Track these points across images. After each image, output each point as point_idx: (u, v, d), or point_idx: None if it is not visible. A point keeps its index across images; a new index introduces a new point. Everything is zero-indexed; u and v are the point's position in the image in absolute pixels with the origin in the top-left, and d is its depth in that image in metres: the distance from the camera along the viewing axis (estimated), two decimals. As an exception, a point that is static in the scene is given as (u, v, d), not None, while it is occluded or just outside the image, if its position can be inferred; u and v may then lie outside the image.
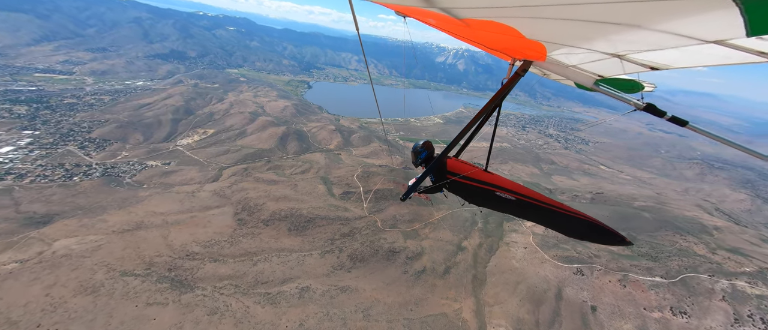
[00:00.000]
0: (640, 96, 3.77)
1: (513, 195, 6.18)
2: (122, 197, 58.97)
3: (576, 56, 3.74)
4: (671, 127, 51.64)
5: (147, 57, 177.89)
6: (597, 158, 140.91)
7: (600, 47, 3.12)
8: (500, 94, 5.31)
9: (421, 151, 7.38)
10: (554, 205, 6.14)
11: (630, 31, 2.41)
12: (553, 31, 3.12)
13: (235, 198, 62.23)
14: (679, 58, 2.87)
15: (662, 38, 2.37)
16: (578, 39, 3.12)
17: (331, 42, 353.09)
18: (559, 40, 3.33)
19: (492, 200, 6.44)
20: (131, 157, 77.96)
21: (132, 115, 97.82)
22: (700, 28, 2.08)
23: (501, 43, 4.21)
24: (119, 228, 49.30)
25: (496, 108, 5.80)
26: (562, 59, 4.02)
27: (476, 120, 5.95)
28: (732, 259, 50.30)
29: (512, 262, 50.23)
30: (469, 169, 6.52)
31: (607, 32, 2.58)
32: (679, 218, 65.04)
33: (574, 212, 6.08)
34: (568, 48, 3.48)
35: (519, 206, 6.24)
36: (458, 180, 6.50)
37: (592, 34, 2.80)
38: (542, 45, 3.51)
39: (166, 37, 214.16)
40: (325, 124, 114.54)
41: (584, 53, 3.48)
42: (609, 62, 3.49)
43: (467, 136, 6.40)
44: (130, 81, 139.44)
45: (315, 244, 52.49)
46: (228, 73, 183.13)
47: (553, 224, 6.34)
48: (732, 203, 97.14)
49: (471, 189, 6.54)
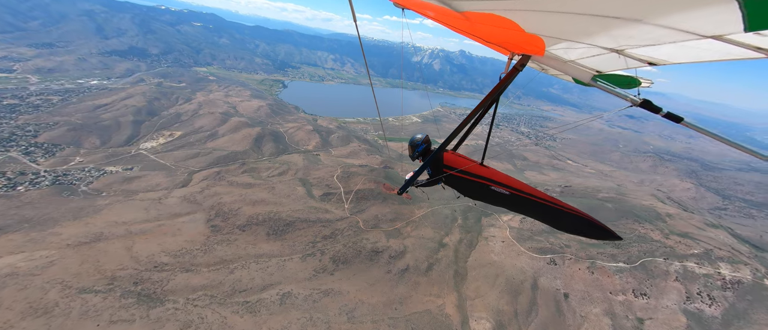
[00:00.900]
0: (636, 92, 3.80)
1: (508, 190, 6.28)
2: (77, 207, 53.72)
3: (575, 51, 3.76)
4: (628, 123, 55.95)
5: (101, 54, 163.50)
6: (564, 154, 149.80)
7: (599, 42, 3.11)
8: (498, 88, 5.29)
9: (419, 144, 7.28)
10: (548, 200, 6.27)
11: (630, 26, 2.41)
12: (552, 25, 3.07)
13: (207, 203, 58.92)
14: (677, 53, 2.91)
15: (661, 33, 2.38)
16: (578, 33, 3.10)
17: (306, 40, 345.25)
18: (559, 35, 3.29)
19: (487, 194, 6.51)
20: (86, 163, 71.26)
21: (86, 117, 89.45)
22: (699, 22, 2.08)
23: (500, 36, 4.17)
24: (74, 241, 44.85)
25: (493, 103, 5.79)
26: (561, 54, 4.03)
27: (474, 114, 5.93)
28: (682, 243, 55.54)
29: (491, 256, 51.99)
30: (466, 164, 6.53)
31: (607, 26, 2.58)
32: (637, 207, 70.74)
33: (567, 207, 6.24)
34: (567, 43, 3.47)
35: (514, 201, 6.33)
36: (455, 174, 6.49)
37: (591, 28, 2.80)
38: (541, 39, 3.48)
39: (124, 32, 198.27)
40: (303, 124, 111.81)
41: (583, 48, 3.49)
42: (607, 57, 3.52)
43: (465, 130, 6.35)
44: (82, 80, 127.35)
45: (295, 248, 51.05)
46: (195, 72, 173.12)
47: (547, 219, 6.43)
48: (680, 192, 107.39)
49: (467, 183, 6.57)
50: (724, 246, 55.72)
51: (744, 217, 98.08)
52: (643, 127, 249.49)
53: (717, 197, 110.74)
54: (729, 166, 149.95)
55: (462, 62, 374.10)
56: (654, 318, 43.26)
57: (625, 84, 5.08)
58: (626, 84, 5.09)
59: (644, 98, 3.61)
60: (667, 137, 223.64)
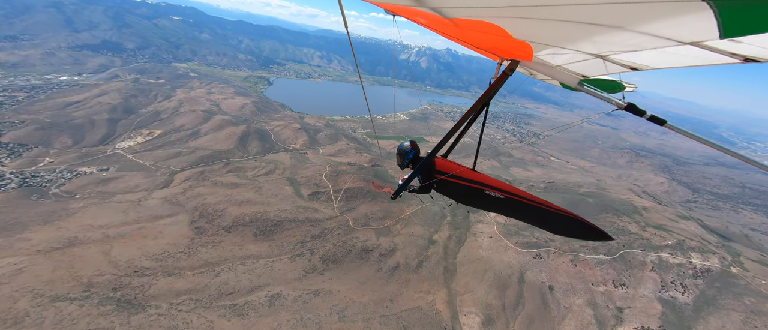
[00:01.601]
0: (621, 96, 3.93)
1: (502, 194, 6.26)
2: (48, 211, 50.65)
3: (561, 57, 3.86)
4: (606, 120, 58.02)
5: (71, 48, 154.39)
6: (547, 151, 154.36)
7: (584, 48, 3.23)
8: (488, 93, 5.32)
9: (408, 152, 7.20)
10: (542, 203, 6.30)
11: (612, 33, 2.51)
12: (539, 32, 3.17)
13: (190, 205, 56.95)
14: (658, 59, 3.04)
15: (642, 40, 2.49)
16: (563, 40, 3.20)
17: (291, 36, 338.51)
18: (545, 41, 3.40)
19: (481, 199, 6.49)
20: (57, 164, 67.23)
21: (56, 114, 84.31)
22: (678, 30, 2.20)
23: (489, 42, 4.26)
24: (46, 246, 42.28)
25: (484, 107, 5.79)
26: (548, 59, 4.13)
27: (464, 120, 5.90)
28: (657, 234, 58.48)
29: (479, 252, 52.99)
30: (457, 169, 6.50)
31: (591, 33, 2.67)
32: (616, 201, 73.86)
33: (560, 210, 6.29)
34: (553, 48, 3.56)
35: (508, 205, 6.34)
36: (447, 179, 6.45)
37: (576, 35, 2.89)
38: (529, 45, 3.57)
39: (96, 25, 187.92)
40: (289, 122, 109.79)
41: (569, 54, 3.60)
42: (592, 63, 3.65)
43: (456, 135, 6.31)
44: (51, 75, 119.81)
45: (284, 249, 50.21)
46: (175, 68, 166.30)
47: (541, 222, 6.47)
48: (655, 186, 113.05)
49: (460, 188, 6.54)
50: (694, 237, 59.08)
51: (712, 209, 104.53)
52: (620, 124, 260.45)
53: (687, 190, 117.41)
54: (698, 161, 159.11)
55: (449, 60, 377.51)
56: (632, 307, 45.41)
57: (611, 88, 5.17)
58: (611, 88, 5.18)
59: (629, 102, 3.73)
60: (642, 134, 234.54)
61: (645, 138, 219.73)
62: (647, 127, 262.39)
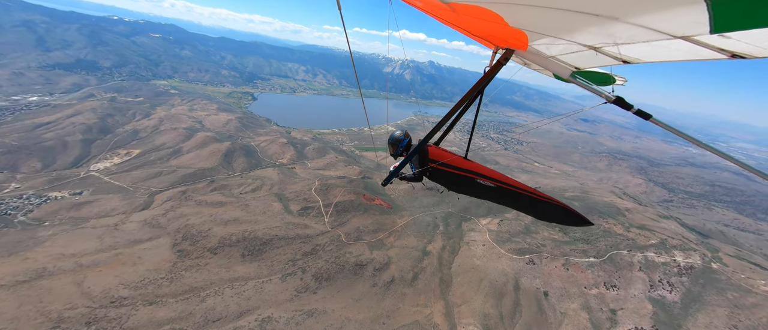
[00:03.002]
0: (610, 89, 3.97)
1: (493, 182, 6.42)
2: (13, 240, 46.72)
3: (555, 47, 3.90)
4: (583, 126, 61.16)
5: (42, 67, 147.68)
6: (531, 157, 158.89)
7: (578, 39, 3.26)
8: (482, 81, 5.30)
9: (401, 140, 7.22)
10: (530, 191, 6.54)
11: (607, 24, 2.54)
12: (535, 20, 3.20)
13: (172, 226, 54.16)
14: (649, 52, 3.09)
15: (636, 32, 2.55)
16: (559, 29, 3.24)
17: (275, 52, 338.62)
18: (541, 30, 3.42)
19: (472, 187, 6.60)
20: (25, 190, 62.73)
21: (24, 137, 79.40)
22: (671, 23, 2.26)
23: (485, 29, 4.26)
24: (10, 280, 38.70)
25: (477, 95, 5.82)
26: (543, 50, 4.17)
27: (457, 108, 5.91)
28: (642, 234, 60.42)
29: (474, 260, 52.81)
30: (450, 157, 6.56)
31: (586, 23, 2.70)
32: (600, 204, 76.21)
33: (547, 198, 6.55)
34: (548, 38, 3.60)
35: (498, 193, 6.51)
36: (439, 167, 6.49)
37: (571, 25, 2.92)
38: (524, 34, 3.59)
39: (70, 44, 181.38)
40: (276, 137, 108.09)
41: (563, 44, 3.63)
42: (585, 54, 3.72)
43: (448, 123, 6.31)
44: (18, 96, 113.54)
45: (274, 268, 48.23)
46: (154, 85, 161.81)
47: (529, 209, 6.69)
48: (634, 187, 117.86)
49: (452, 176, 6.60)
50: (675, 235, 61.42)
51: (687, 208, 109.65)
52: (597, 129, 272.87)
53: (664, 190, 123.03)
54: (670, 162, 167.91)
55: (432, 72, 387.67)
56: (625, 308, 46.11)
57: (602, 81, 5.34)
58: (602, 80, 5.36)
59: (617, 96, 3.81)
60: (617, 138, 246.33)
61: (620, 142, 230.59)
62: (621, 132, 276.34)
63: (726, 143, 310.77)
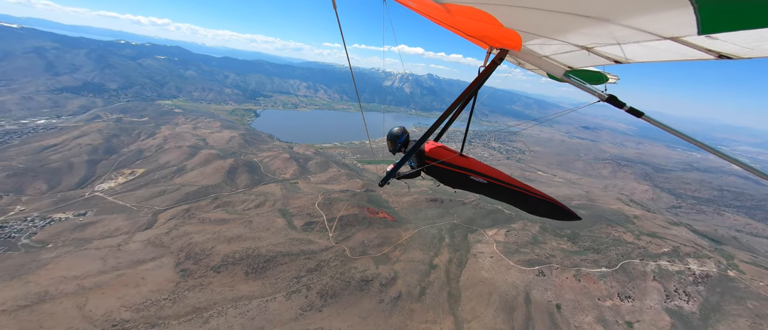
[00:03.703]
0: (603, 88, 4.04)
1: (486, 178, 6.71)
2: (16, 264, 46.35)
3: (549, 47, 3.97)
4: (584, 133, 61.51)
5: (51, 91, 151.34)
6: (534, 165, 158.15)
7: (571, 39, 3.32)
8: (477, 81, 5.41)
9: (399, 136, 7.41)
10: (522, 187, 6.84)
11: (599, 25, 2.61)
12: (528, 21, 3.25)
13: (175, 245, 53.67)
14: (639, 52, 3.16)
15: (626, 33, 2.61)
16: (552, 30, 3.29)
17: (276, 69, 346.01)
18: (534, 30, 3.48)
19: (467, 183, 6.86)
20: (29, 212, 62.83)
21: (31, 160, 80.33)
22: (660, 24, 2.31)
23: (479, 30, 4.34)
24: (11, 305, 38.10)
25: (472, 96, 5.98)
26: (536, 49, 4.25)
27: (453, 107, 6.04)
28: (653, 242, 59.03)
29: (482, 273, 51.56)
30: (447, 154, 6.82)
31: (579, 25, 2.77)
32: (607, 212, 75.01)
33: (538, 194, 6.84)
34: (542, 39, 3.66)
35: (491, 189, 6.79)
36: (436, 164, 6.75)
37: (564, 26, 2.98)
38: (518, 34, 3.65)
39: (78, 68, 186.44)
40: (278, 152, 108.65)
41: (556, 45, 3.69)
42: (578, 54, 3.79)
43: (445, 122, 6.48)
44: (27, 120, 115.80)
45: (278, 286, 47.28)
46: (159, 105, 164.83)
47: (521, 204, 6.92)
48: (640, 194, 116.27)
49: (448, 173, 6.85)
50: (687, 242, 59.96)
51: (697, 213, 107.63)
52: (598, 136, 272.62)
53: (671, 197, 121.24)
54: (675, 167, 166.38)
55: (431, 85, 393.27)
56: (641, 320, 44.44)
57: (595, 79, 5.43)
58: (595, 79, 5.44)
59: (610, 94, 3.87)
60: (619, 144, 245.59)
61: (623, 148, 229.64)
62: (623, 138, 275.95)
63: (728, 146, 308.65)
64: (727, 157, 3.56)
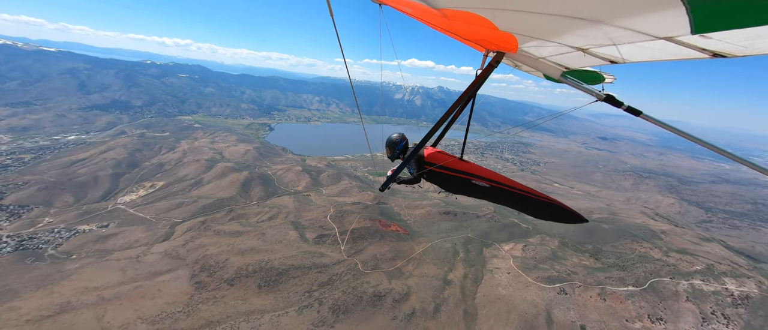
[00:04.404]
0: (600, 87, 4.07)
1: (488, 182, 6.58)
2: (42, 274, 48.11)
3: (545, 49, 3.98)
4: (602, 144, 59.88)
5: (82, 109, 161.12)
6: (550, 177, 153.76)
7: (566, 41, 3.35)
8: (474, 84, 5.41)
9: (398, 142, 7.48)
10: (525, 190, 6.68)
11: (593, 27, 2.63)
12: (523, 24, 3.27)
13: (191, 257, 54.49)
14: (635, 52, 3.16)
15: (620, 34, 2.64)
16: (547, 33, 3.30)
17: (290, 85, 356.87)
18: (530, 33, 3.49)
19: (468, 188, 6.74)
20: (56, 224, 65.69)
21: (60, 173, 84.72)
22: (653, 25, 2.31)
23: (475, 33, 4.37)
24: (36, 315, 39.27)
25: (470, 99, 5.96)
26: (533, 51, 4.27)
27: (451, 111, 6.03)
28: (683, 260, 55.38)
29: (499, 290, 49.50)
30: (446, 159, 6.78)
31: (573, 27, 2.78)
32: (631, 226, 71.36)
33: (542, 196, 6.67)
34: (537, 41, 3.68)
35: (493, 193, 6.63)
36: (435, 170, 6.69)
37: (559, 29, 3.00)
38: (514, 37, 3.66)
39: (107, 87, 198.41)
40: (291, 165, 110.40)
41: (552, 46, 3.72)
42: (574, 55, 3.81)
43: (443, 127, 6.50)
44: (59, 136, 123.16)
45: (290, 300, 46.86)
46: (180, 121, 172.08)
47: (525, 208, 6.76)
48: (666, 208, 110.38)
49: (448, 178, 6.78)
50: (722, 260, 55.92)
51: (730, 229, 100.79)
52: (617, 147, 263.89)
53: (700, 210, 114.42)
54: (702, 179, 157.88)
55: (441, 97, 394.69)
56: (676, 344, 41.16)
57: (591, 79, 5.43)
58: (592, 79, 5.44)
59: (607, 93, 3.87)
60: (640, 155, 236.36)
61: (644, 159, 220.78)
62: (644, 149, 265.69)
63: (761, 158, 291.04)
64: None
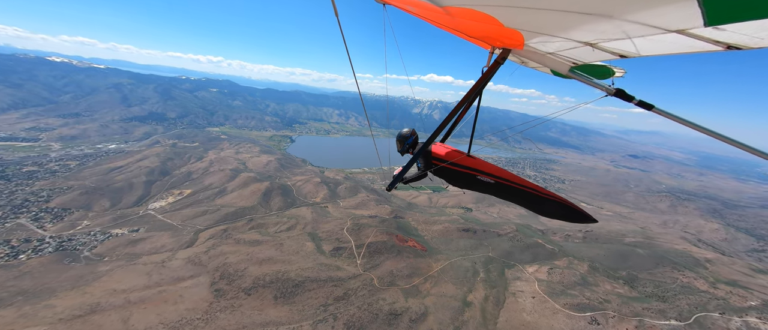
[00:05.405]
0: (610, 82, 3.95)
1: (493, 178, 6.57)
2: (77, 275, 50.99)
3: (552, 44, 3.88)
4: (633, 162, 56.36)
5: (123, 120, 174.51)
6: (576, 196, 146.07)
7: (574, 36, 3.25)
8: (481, 82, 5.42)
9: (408, 137, 7.53)
10: (531, 187, 6.54)
11: (601, 21, 2.53)
12: (529, 20, 3.21)
13: (212, 265, 55.83)
14: (645, 46, 3.03)
15: (630, 28, 2.54)
16: (554, 28, 3.21)
17: (312, 98, 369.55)
18: (536, 29, 3.43)
19: (474, 183, 6.79)
20: (93, 227, 70.06)
21: (100, 179, 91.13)
22: (664, 18, 2.22)
23: (480, 31, 4.33)
24: (68, 314, 41.34)
25: (477, 96, 6.00)
26: (539, 47, 4.19)
27: (458, 108, 6.08)
28: (734, 293, 49.82)
29: (523, 316, 46.51)
30: (454, 155, 6.85)
31: (580, 22, 2.69)
32: (670, 252, 65.60)
33: (549, 194, 6.54)
34: (544, 37, 3.60)
35: (499, 189, 6.63)
36: (443, 165, 6.77)
37: (566, 23, 2.91)
38: (520, 33, 3.60)
39: (146, 100, 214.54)
40: (310, 176, 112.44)
41: (559, 41, 3.61)
42: (582, 50, 3.66)
43: (450, 123, 6.56)
44: (101, 144, 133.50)
45: (305, 313, 46.43)
46: (209, 132, 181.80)
47: (531, 205, 6.66)
48: (709, 233, 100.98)
49: (455, 173, 6.85)
50: (782, 294, 49.78)
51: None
52: (650, 165, 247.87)
53: (750, 238, 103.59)
54: (751, 203, 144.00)
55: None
56: (730, 390, 36.37)
57: (600, 74, 5.34)
58: (601, 74, 5.35)
59: (618, 88, 3.76)
60: (677, 175, 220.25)
61: (682, 180, 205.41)
62: (681, 169, 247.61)
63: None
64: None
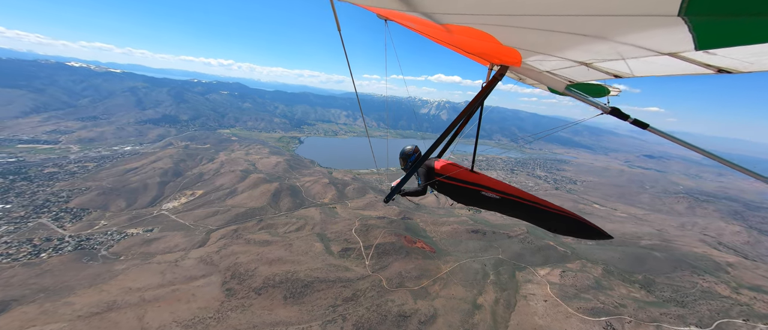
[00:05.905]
0: (606, 100, 4.02)
1: (498, 194, 6.42)
2: (94, 273, 52.58)
3: (549, 63, 3.98)
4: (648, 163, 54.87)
5: (138, 123, 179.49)
6: (588, 197, 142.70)
7: (569, 56, 3.37)
8: (479, 97, 5.48)
9: (411, 154, 7.51)
10: (538, 202, 6.35)
11: (596, 42, 2.61)
12: (526, 40, 3.29)
13: (223, 264, 56.75)
14: (639, 67, 3.14)
15: (624, 49, 2.62)
16: (550, 48, 3.30)
17: (320, 100, 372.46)
18: (533, 48, 3.52)
19: (479, 199, 6.63)
20: (110, 227, 72.17)
21: (116, 180, 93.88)
22: (656, 41, 2.29)
23: (479, 48, 4.42)
24: (86, 312, 42.63)
25: (476, 110, 5.98)
26: (536, 65, 4.28)
27: (456, 123, 6.05)
28: (758, 299, 47.73)
29: (535, 320, 45.60)
30: (456, 170, 6.76)
31: (576, 43, 2.77)
32: (689, 256, 63.34)
33: (556, 209, 6.36)
34: (541, 56, 3.69)
35: (504, 204, 6.46)
36: (445, 181, 6.66)
37: (562, 44, 3.00)
38: (517, 51, 3.68)
39: (160, 103, 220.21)
40: (319, 177, 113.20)
41: (556, 60, 3.71)
42: (578, 69, 3.78)
43: (448, 138, 6.52)
44: (117, 146, 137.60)
45: (314, 314, 46.67)
46: (220, 134, 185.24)
47: (538, 221, 6.48)
48: (730, 236, 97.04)
49: (458, 189, 6.73)
50: (811, 301, 47.40)
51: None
52: (667, 166, 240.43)
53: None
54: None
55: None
56: (756, 400, 34.79)
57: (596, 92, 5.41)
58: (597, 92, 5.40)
59: (613, 106, 3.82)
60: (695, 176, 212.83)
61: (700, 180, 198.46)
62: (699, 169, 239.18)
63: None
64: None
